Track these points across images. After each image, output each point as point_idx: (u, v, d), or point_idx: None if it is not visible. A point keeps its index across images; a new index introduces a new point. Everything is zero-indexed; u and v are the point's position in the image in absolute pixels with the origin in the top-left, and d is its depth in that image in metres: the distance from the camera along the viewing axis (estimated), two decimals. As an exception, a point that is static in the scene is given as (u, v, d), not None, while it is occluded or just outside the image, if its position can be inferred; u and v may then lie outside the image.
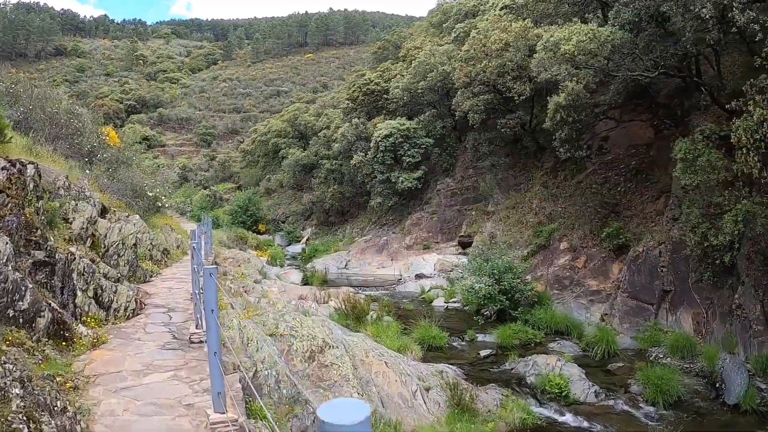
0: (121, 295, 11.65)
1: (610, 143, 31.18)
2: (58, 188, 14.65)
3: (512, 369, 18.57)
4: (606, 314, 24.44)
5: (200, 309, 9.75)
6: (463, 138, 43.01)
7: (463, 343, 21.71)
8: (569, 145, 27.24)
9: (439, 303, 28.11)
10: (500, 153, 37.80)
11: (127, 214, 18.75)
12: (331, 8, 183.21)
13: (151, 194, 21.61)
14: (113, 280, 12.45)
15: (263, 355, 11.19)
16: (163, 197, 22.04)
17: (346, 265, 38.82)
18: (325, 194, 51.34)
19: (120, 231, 14.49)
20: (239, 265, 27.96)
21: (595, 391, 16.92)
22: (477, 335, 22.15)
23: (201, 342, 9.37)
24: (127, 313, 11.49)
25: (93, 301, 10.89)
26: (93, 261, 12.88)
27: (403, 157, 39.77)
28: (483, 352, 20.22)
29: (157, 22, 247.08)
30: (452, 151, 42.49)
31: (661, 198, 27.39)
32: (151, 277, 16.07)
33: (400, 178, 39.58)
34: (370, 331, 19.20)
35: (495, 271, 23.91)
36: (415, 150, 39.90)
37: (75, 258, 10.54)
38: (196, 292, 11.11)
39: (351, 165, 44.77)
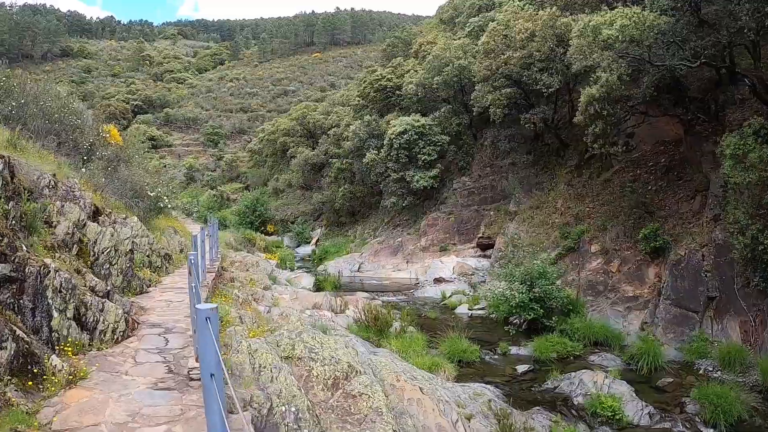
0: (109, 314, 9.68)
1: (636, 140, 29.31)
2: (42, 188, 12.72)
3: (555, 388, 16.84)
4: (646, 323, 22.63)
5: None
6: (479, 135, 41.04)
7: (496, 356, 19.85)
8: (603, 141, 25.28)
9: (462, 310, 26.16)
10: (520, 150, 35.80)
11: (124, 216, 16.80)
12: (337, 8, 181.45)
13: (152, 194, 19.64)
14: (101, 294, 10.51)
15: (279, 387, 9.25)
16: (165, 197, 20.04)
17: (359, 268, 36.83)
18: (335, 194, 49.33)
19: (112, 236, 12.52)
20: (247, 269, 26.00)
21: (649, 413, 15.41)
22: (510, 348, 20.26)
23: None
24: (116, 336, 9.53)
25: (73, 323, 8.93)
26: (78, 272, 10.96)
27: (418, 155, 37.73)
28: (520, 368, 18.42)
29: (163, 23, 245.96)
30: (468, 149, 40.45)
31: (696, 197, 25.63)
32: (148, 287, 14.10)
33: (415, 177, 37.54)
34: (394, 346, 17.24)
35: (527, 277, 21.86)
36: (431, 147, 37.86)
37: (50, 272, 8.54)
38: (194, 316, 9.07)
39: (363, 163, 42.75)
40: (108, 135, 29.37)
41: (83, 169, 18.72)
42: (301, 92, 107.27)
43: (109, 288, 10.93)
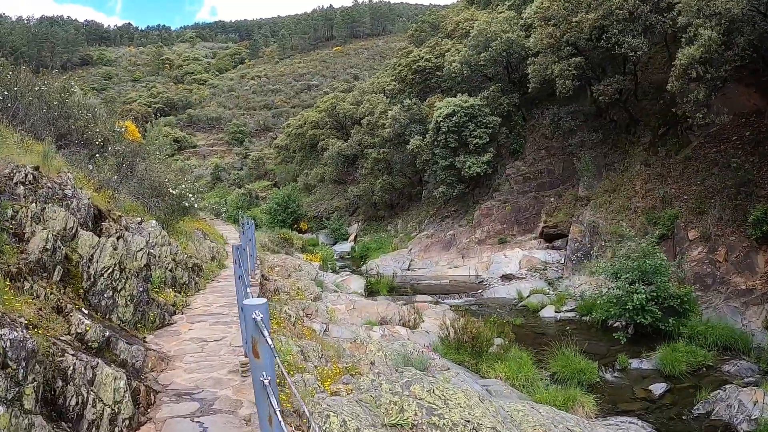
0: (104, 389, 5.54)
1: (710, 112, 25.12)
2: (15, 184, 8.72)
3: (710, 413, 12.95)
4: (770, 320, 18.41)
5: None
6: (530, 115, 36.58)
7: (617, 374, 15.65)
8: (707, 109, 21.05)
9: (548, 313, 21.99)
10: (586, 129, 31.25)
11: (140, 220, 12.74)
12: (355, 0, 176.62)
13: (174, 192, 15.55)
14: (95, 347, 6.45)
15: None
16: (190, 195, 15.92)
17: (409, 266, 32.62)
18: (373, 186, 45.06)
19: (115, 249, 8.40)
20: (289, 275, 21.90)
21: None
22: (630, 361, 16.12)
23: None
24: (119, 429, 5.40)
25: (40, 417, 4.79)
26: (59, 310, 6.94)
27: (469, 139, 33.34)
28: (654, 388, 14.48)
29: (181, 27, 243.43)
30: (520, 131, 35.99)
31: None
32: (172, 315, 10.04)
33: (467, 163, 33.16)
34: (500, 372, 12.99)
35: (636, 273, 17.55)
36: (482, 130, 33.47)
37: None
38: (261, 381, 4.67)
39: (405, 151, 38.49)
40: (125, 130, 25.51)
41: (90, 166, 14.97)
42: (325, 86, 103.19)
43: (107, 334, 6.82)
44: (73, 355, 5.84)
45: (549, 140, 35.38)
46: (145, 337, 8.44)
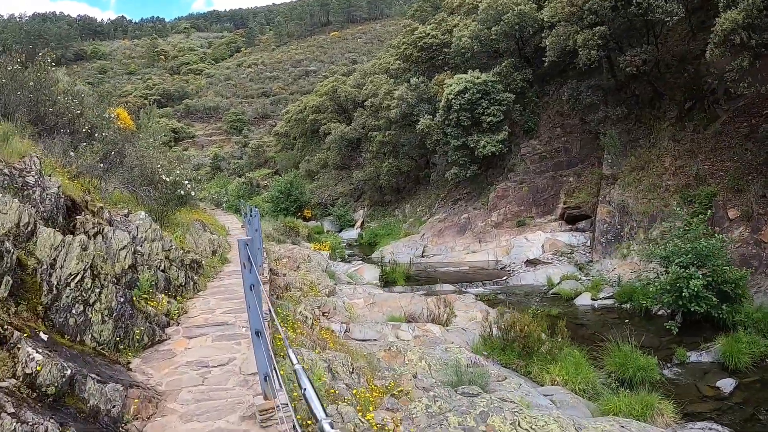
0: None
1: (755, 81, 23.16)
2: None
3: None
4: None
5: None
6: (542, 92, 34.53)
7: (675, 369, 13.76)
8: (753, 78, 19.07)
9: (584, 301, 20.06)
10: (604, 104, 29.14)
11: (127, 211, 10.75)
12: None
13: (168, 179, 13.51)
14: (51, 394, 4.48)
15: None
16: (186, 182, 13.85)
17: (423, 252, 30.64)
18: (378, 170, 42.96)
19: (86, 250, 6.40)
20: (297, 267, 19.92)
21: None
22: (688, 354, 14.23)
23: None
24: None
25: None
26: (3, 342, 5.04)
27: (482, 117, 31.18)
28: (721, 385, 12.62)
29: (175, 18, 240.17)
30: (534, 108, 33.89)
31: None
32: (165, 328, 8.09)
33: (481, 143, 31.03)
34: (556, 376, 11.07)
35: (693, 257, 15.57)
36: (496, 108, 31.31)
37: None
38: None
39: (415, 132, 36.36)
40: (116, 118, 23.51)
41: (71, 153, 13.07)
42: (323, 71, 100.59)
43: (70, 372, 4.85)
44: (13, 414, 3.89)
45: (564, 118, 33.42)
46: (129, 362, 6.48)
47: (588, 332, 16.84)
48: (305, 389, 2.09)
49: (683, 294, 14.79)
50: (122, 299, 6.95)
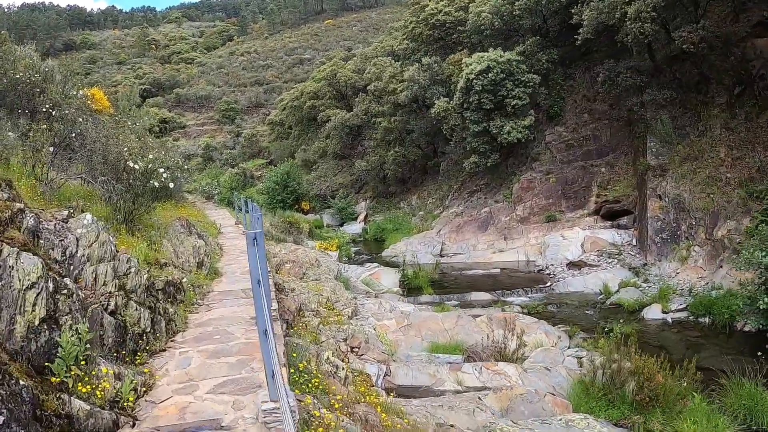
0: None
1: None
2: None
3: None
4: None
5: None
6: (567, 75, 30.85)
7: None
8: None
9: (653, 314, 16.44)
10: (653, 86, 25.34)
11: (67, 213, 6.84)
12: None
13: (138, 166, 9.49)
14: None
15: None
16: (163, 170, 9.67)
17: (441, 251, 26.79)
18: (384, 158, 38.92)
19: None
20: (304, 275, 16.03)
21: None
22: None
23: None
24: None
25: None
26: None
27: (506, 100, 27.27)
28: None
29: (167, 8, 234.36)
30: (560, 92, 30.08)
31: None
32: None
33: (505, 128, 27.11)
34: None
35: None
36: (520, 90, 27.43)
37: None
38: None
39: (428, 116, 32.39)
40: (86, 98, 19.49)
41: (10, 134, 9.31)
42: (318, 59, 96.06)
43: None
44: None
45: (592, 103, 29.77)
46: None
47: (672, 356, 13.08)
48: None
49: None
50: (14, 402, 3.04)
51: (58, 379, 4.26)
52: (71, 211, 7.11)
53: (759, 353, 11.81)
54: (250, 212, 18.01)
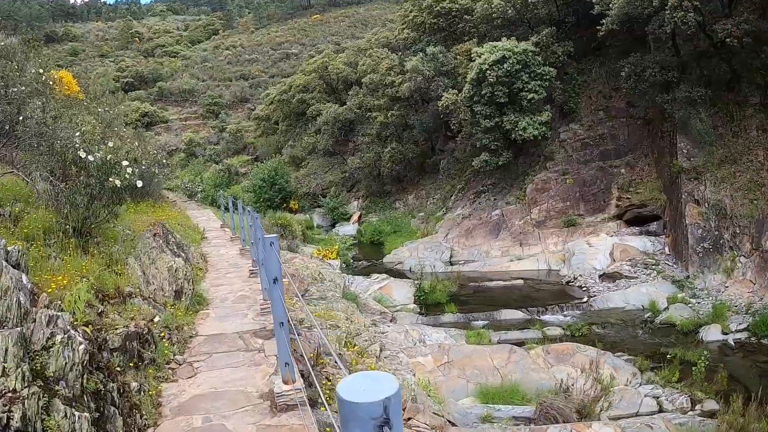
0: None
1: None
2: None
3: None
4: None
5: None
6: (582, 69, 28.40)
7: None
8: None
9: (712, 335, 14.16)
10: (686, 82, 22.84)
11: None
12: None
13: (93, 157, 6.58)
14: None
15: None
16: (127, 163, 6.73)
17: (451, 258, 24.01)
18: (380, 155, 36.01)
19: None
20: (305, 292, 13.09)
21: None
22: None
23: None
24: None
25: None
26: None
27: (522, 93, 24.58)
28: None
29: (152, 1, 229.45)
30: (575, 87, 27.53)
31: None
32: None
33: (521, 124, 24.43)
34: None
35: None
36: (536, 83, 24.77)
37: None
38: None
39: (429, 110, 29.64)
40: (49, 79, 16.42)
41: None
42: (305, 53, 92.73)
43: None
44: None
45: (608, 100, 27.36)
46: None
47: (749, 388, 10.57)
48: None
49: None
50: None
51: None
52: None
53: None
54: (240, 214, 15.19)
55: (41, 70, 14.12)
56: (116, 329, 4.85)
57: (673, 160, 21.99)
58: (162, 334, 5.92)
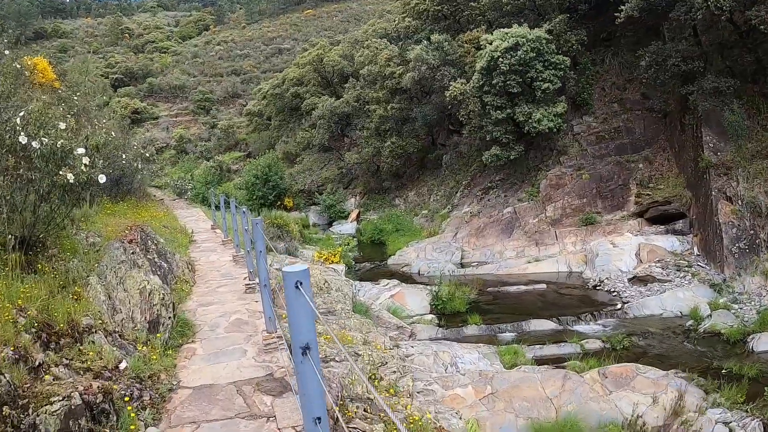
0: None
1: None
2: None
3: None
4: None
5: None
6: (594, 59, 26.84)
7: None
8: None
9: (763, 345, 12.28)
10: (711, 72, 21.22)
11: None
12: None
13: (38, 144, 4.77)
14: None
15: None
16: (81, 151, 5.02)
17: (462, 259, 22.27)
18: (379, 150, 34.17)
19: None
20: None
21: None
22: None
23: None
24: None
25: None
26: None
27: (536, 83, 22.84)
28: None
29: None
30: (589, 78, 25.88)
31: None
32: None
33: (535, 116, 22.67)
34: None
35: None
36: (551, 72, 23.03)
37: None
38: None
39: (434, 102, 27.85)
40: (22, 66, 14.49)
41: None
42: (297, 50, 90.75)
43: None
44: None
45: (622, 91, 25.77)
46: None
47: None
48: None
49: None
50: None
51: None
52: None
53: None
54: (233, 214, 13.39)
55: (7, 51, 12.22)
56: (52, 404, 3.08)
57: (699, 154, 20.32)
58: (127, 397, 4.10)
